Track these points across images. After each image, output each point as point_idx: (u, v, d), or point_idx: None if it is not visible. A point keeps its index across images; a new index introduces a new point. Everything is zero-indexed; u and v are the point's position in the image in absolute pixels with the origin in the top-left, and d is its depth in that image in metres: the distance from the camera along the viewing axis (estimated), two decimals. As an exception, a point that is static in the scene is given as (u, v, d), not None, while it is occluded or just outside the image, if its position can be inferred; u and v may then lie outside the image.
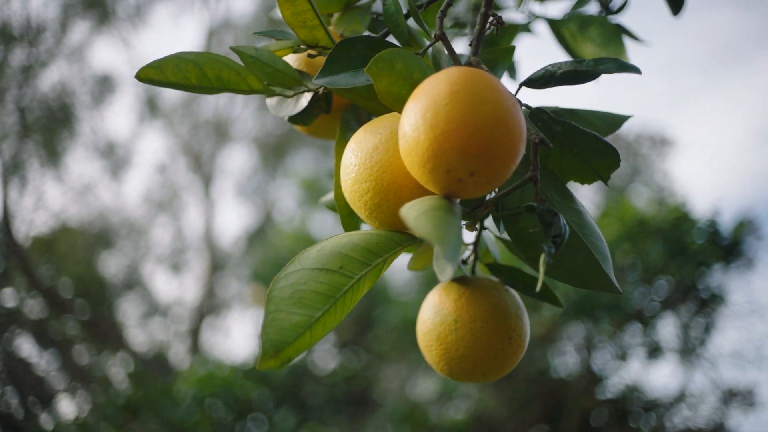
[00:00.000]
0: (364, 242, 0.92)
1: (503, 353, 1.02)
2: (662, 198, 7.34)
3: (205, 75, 1.01)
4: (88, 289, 11.99)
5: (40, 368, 10.81)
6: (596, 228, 0.99)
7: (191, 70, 1.01)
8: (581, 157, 1.02)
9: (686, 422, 6.65)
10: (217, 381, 6.47)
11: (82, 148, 12.12)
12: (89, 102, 11.86)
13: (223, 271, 13.31)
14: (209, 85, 1.02)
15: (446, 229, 0.76)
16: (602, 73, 0.95)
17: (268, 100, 1.12)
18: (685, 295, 6.28)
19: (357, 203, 0.96)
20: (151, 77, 0.99)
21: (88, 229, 12.77)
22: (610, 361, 6.69)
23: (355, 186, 0.94)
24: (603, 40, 1.51)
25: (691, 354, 6.55)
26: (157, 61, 0.99)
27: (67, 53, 11.60)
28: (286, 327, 0.84)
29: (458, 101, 0.80)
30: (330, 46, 1.07)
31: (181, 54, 1.00)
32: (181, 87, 1.01)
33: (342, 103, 1.14)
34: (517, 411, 6.69)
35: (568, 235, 0.87)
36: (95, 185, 12.53)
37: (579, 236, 0.96)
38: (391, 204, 0.92)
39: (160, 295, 13.13)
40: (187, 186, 13.68)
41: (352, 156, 0.95)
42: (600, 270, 0.96)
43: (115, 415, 6.22)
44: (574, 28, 1.55)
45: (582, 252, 0.96)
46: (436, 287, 1.09)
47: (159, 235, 13.69)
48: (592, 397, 6.67)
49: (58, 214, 12.10)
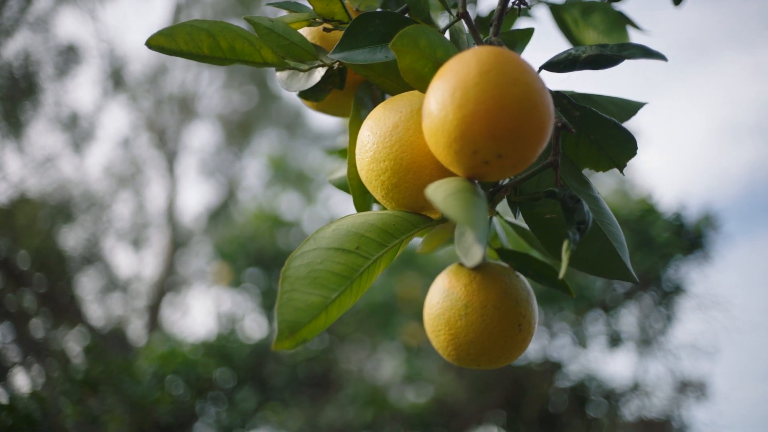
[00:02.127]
0: (381, 223, 0.90)
1: (513, 340, 1.00)
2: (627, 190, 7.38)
3: (218, 45, 0.98)
4: (46, 262, 11.84)
5: (-5, 341, 10.67)
6: (613, 216, 0.97)
7: (204, 39, 0.97)
8: (598, 143, 1.01)
9: (641, 411, 6.73)
10: (178, 358, 6.41)
11: (44, 119, 11.93)
12: (53, 73, 11.67)
13: (185, 248, 13.21)
14: (222, 56, 0.99)
15: (475, 212, 0.74)
16: (626, 59, 0.94)
17: (279, 73, 1.08)
18: (648, 286, 6.34)
19: (373, 183, 0.93)
20: (162, 45, 0.96)
21: (48, 201, 12.59)
22: (570, 349, 6.74)
23: (373, 165, 0.92)
24: (606, 27, 1.50)
25: (650, 344, 6.62)
26: (169, 28, 0.96)
27: (32, 22, 11.39)
28: (301, 307, 0.82)
29: (489, 81, 0.78)
30: (346, 20, 1.05)
31: (194, 22, 0.97)
32: (192, 56, 0.98)
33: (355, 79, 1.12)
34: (478, 396, 6.71)
35: (591, 222, 0.85)
36: (57, 157, 12.34)
37: (596, 224, 0.95)
38: (409, 184, 0.90)
39: (120, 271, 13.00)
40: (150, 161, 13.53)
41: (369, 134, 0.93)
42: (617, 259, 0.95)
43: (73, 390, 6.15)
44: (576, 14, 1.53)
45: (599, 240, 0.95)
46: (445, 271, 1.07)
47: (120, 210, 13.53)
48: (552, 385, 6.72)
49: (17, 185, 11.91)
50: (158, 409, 6.03)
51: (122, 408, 6.03)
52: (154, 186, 13.47)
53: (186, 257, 13.26)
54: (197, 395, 6.44)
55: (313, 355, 7.29)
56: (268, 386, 6.89)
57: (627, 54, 0.94)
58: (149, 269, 13.06)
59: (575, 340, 6.67)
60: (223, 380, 6.71)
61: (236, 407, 6.48)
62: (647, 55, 0.93)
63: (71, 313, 11.51)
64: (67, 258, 12.33)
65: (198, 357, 6.58)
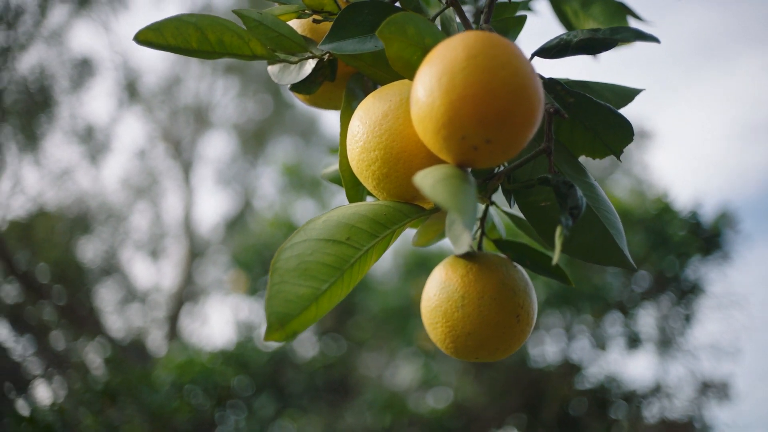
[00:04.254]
0: (371, 213, 0.89)
1: (511, 331, 0.99)
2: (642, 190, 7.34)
3: (206, 38, 0.98)
4: (65, 274, 11.90)
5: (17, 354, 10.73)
6: (609, 202, 0.96)
7: (192, 34, 0.97)
8: (593, 130, 1.00)
9: (663, 413, 6.68)
10: (196, 367, 6.43)
11: (60, 132, 12.01)
12: (68, 86, 11.75)
13: (202, 257, 13.26)
14: (210, 50, 0.98)
15: (463, 197, 0.73)
16: (619, 42, 0.93)
17: (270, 67, 1.08)
18: (666, 286, 6.30)
19: (364, 173, 0.92)
20: (150, 40, 0.95)
21: (65, 213, 12.66)
22: (590, 351, 6.71)
23: (363, 155, 0.91)
24: (606, 18, 1.48)
25: (670, 345, 6.57)
26: (156, 23, 0.95)
27: (46, 36, 11.48)
28: (291, 299, 0.81)
29: (476, 66, 0.77)
30: (335, 11, 1.04)
31: (182, 16, 0.96)
32: (180, 51, 0.97)
33: (346, 71, 1.11)
34: (497, 400, 6.69)
35: (585, 208, 0.84)
36: (74, 170, 12.42)
37: (593, 210, 0.93)
38: (400, 174, 0.89)
39: (138, 282, 13.07)
40: (166, 172, 13.59)
41: (359, 124, 0.92)
42: (614, 245, 0.93)
43: (93, 401, 6.18)
44: (576, 5, 1.52)
45: (596, 227, 0.93)
46: (442, 263, 1.06)
47: (138, 221, 13.60)
48: (572, 387, 6.68)
49: (35, 198, 11.99)
50: (177, 418, 6.05)
51: (141, 417, 6.05)
52: (170, 196, 13.53)
53: (203, 267, 13.30)
54: (216, 403, 6.45)
55: (330, 362, 7.29)
56: (286, 393, 6.89)
57: (620, 37, 0.92)
58: (167, 280, 13.12)
59: (594, 341, 6.63)
60: (242, 388, 6.72)
61: (255, 415, 6.49)
62: (640, 38, 0.92)
63: (91, 325, 11.57)
64: (85, 270, 12.40)
65: (216, 366, 6.60)
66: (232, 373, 6.61)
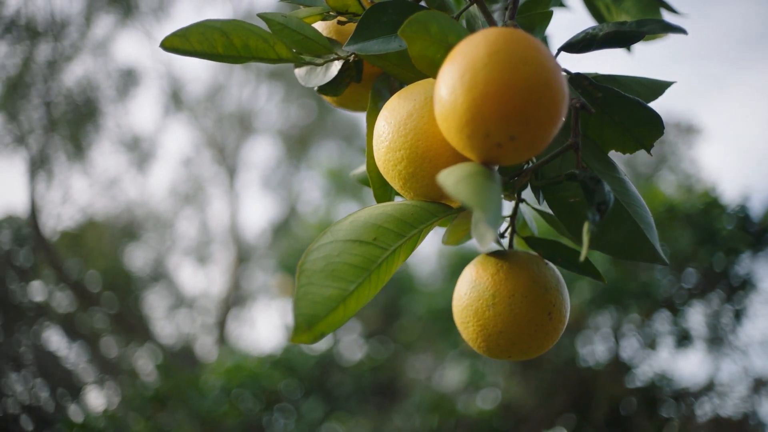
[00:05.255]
0: (398, 213, 0.89)
1: (543, 329, 0.98)
2: (690, 185, 7.24)
3: (231, 43, 0.98)
4: (115, 282, 12.08)
5: (69, 361, 10.91)
6: (640, 197, 0.95)
7: (218, 39, 0.98)
8: (623, 125, 0.98)
9: (715, 411, 6.58)
10: (245, 372, 6.48)
11: (107, 141, 12.19)
12: (114, 96, 11.92)
13: (249, 262, 13.35)
14: (236, 54, 0.99)
15: (487, 195, 0.73)
16: (646, 35, 0.92)
17: (297, 69, 1.08)
18: (715, 282, 6.20)
19: (391, 173, 0.92)
20: (176, 46, 0.96)
21: (114, 222, 12.85)
22: (639, 350, 6.63)
23: (389, 155, 0.91)
24: (638, 12, 1.47)
25: (721, 342, 6.47)
26: (182, 29, 0.96)
27: (91, 47, 11.66)
28: (318, 300, 0.81)
29: (498, 62, 0.76)
30: (360, 12, 1.04)
31: (207, 21, 0.97)
32: (207, 56, 0.98)
33: (372, 71, 1.11)
34: (545, 400, 6.64)
35: (612, 203, 0.83)
36: (121, 179, 12.60)
37: (622, 205, 0.92)
38: (426, 173, 0.89)
39: (187, 288, 13.21)
40: (211, 178, 13.72)
41: (385, 124, 0.92)
42: (645, 240, 0.92)
43: (143, 407, 6.26)
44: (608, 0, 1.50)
45: (626, 222, 0.92)
46: (473, 261, 1.05)
47: (184, 228, 13.75)
48: (621, 386, 6.61)
49: (84, 208, 12.18)
50: (226, 422, 6.10)
51: (191, 422, 6.12)
52: (216, 203, 13.66)
53: (250, 272, 13.40)
54: (264, 407, 6.50)
55: (377, 364, 7.30)
56: (333, 396, 6.92)
57: (646, 29, 0.91)
58: (215, 285, 13.24)
59: (643, 340, 6.56)
60: (289, 392, 6.76)
61: (303, 418, 6.52)
62: (667, 30, 0.91)
63: (141, 332, 11.72)
64: (134, 277, 12.57)
65: (264, 370, 6.64)
66: (279, 376, 6.65)
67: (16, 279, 10.65)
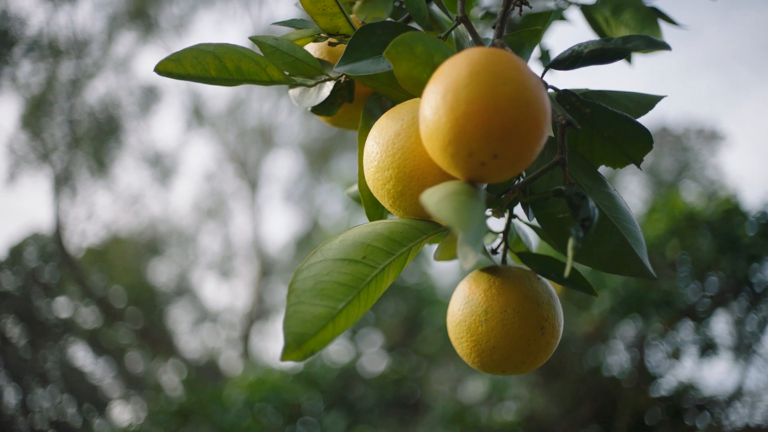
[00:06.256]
0: (387, 231, 0.90)
1: (535, 344, 0.99)
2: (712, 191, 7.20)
3: (224, 66, 1.00)
4: (139, 297, 12.16)
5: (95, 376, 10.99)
6: (629, 212, 0.96)
7: (210, 62, 1.00)
8: (612, 139, 0.99)
9: (744, 420, 6.52)
10: (267, 385, 6.50)
11: (130, 158, 12.29)
12: (136, 112, 12.03)
13: (272, 276, 13.40)
14: (229, 77, 1.01)
15: (468, 213, 0.74)
16: (631, 51, 0.93)
17: (291, 91, 1.10)
18: (738, 290, 6.15)
19: (380, 192, 0.94)
20: (170, 70, 0.98)
21: (138, 238, 12.94)
22: (663, 359, 6.59)
23: (378, 174, 0.92)
24: (638, 24, 1.48)
25: (746, 350, 6.42)
26: (176, 53, 0.98)
27: (113, 65, 11.77)
28: (308, 319, 0.82)
29: (479, 82, 0.77)
30: (351, 33, 1.06)
31: (200, 46, 0.99)
32: (200, 79, 1.00)
33: (365, 91, 1.12)
34: (569, 411, 6.61)
35: (597, 219, 0.84)
36: (144, 194, 12.70)
37: (611, 220, 0.93)
38: (414, 191, 0.90)
39: (210, 302, 13.29)
40: (233, 193, 13.80)
41: (374, 144, 0.94)
42: (633, 255, 0.93)
43: (167, 421, 6.29)
44: (607, 13, 1.51)
45: (614, 237, 0.93)
46: (466, 278, 1.06)
47: (207, 243, 13.82)
48: (645, 396, 6.57)
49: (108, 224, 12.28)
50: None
51: (214, 436, 6.14)
52: (238, 217, 13.73)
53: (273, 285, 13.44)
54: (287, 421, 6.51)
55: (399, 376, 7.30)
56: (356, 409, 6.93)
57: (631, 46, 0.92)
58: (239, 299, 13.30)
59: (667, 349, 6.51)
60: (312, 405, 6.78)
61: (326, 431, 6.53)
62: (651, 46, 0.92)
63: (165, 346, 11.79)
64: (159, 293, 12.64)
65: (286, 383, 6.66)
66: (302, 390, 6.67)
67: (41, 295, 10.76)
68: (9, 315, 10.26)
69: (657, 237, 5.92)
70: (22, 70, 10.81)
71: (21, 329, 10.41)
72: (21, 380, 9.99)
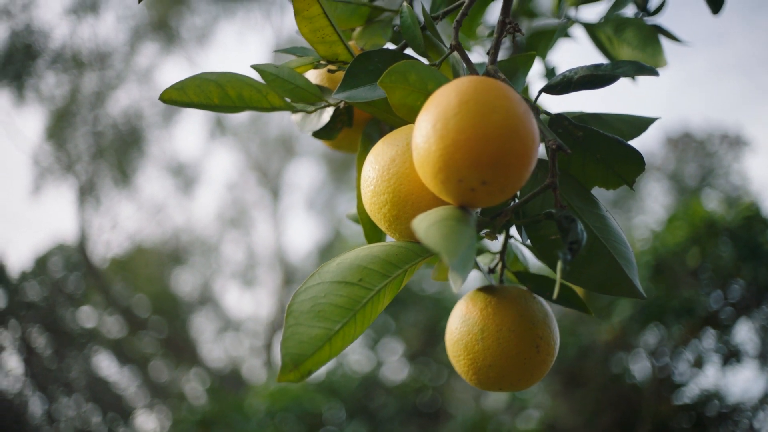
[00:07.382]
0: (384, 254, 0.92)
1: (531, 362, 1.01)
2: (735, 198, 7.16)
3: (226, 94, 1.03)
4: (163, 306, 12.24)
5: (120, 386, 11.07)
6: (621, 233, 0.98)
7: (213, 90, 1.03)
8: (605, 162, 1.02)
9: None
10: (289, 395, 6.52)
11: (153, 168, 12.38)
12: (159, 122, 12.12)
13: (294, 284, 13.43)
14: (231, 104, 1.04)
15: (455, 239, 0.76)
16: (620, 77, 0.95)
17: (293, 116, 1.13)
18: (760, 298, 6.11)
19: (377, 215, 0.96)
20: (174, 98, 1.02)
21: (161, 248, 13.02)
22: (686, 367, 6.55)
23: (374, 198, 0.95)
24: (639, 43, 1.49)
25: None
26: (180, 82, 1.01)
27: (136, 76, 11.88)
28: (305, 340, 0.85)
29: (468, 111, 0.80)
30: (350, 60, 1.08)
31: (203, 74, 1.02)
32: (203, 107, 1.03)
33: (364, 116, 1.15)
34: (591, 419, 6.58)
35: (585, 241, 0.86)
36: (167, 204, 12.78)
37: (602, 242, 0.95)
38: (409, 215, 0.93)
39: (234, 311, 13.34)
40: (256, 202, 13.86)
41: (370, 169, 0.96)
42: (623, 276, 0.95)
43: (191, 430, 6.33)
44: (610, 32, 1.53)
45: (605, 258, 0.95)
46: (464, 297, 1.09)
47: (230, 252, 13.89)
48: (668, 404, 6.53)
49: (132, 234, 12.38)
50: (271, 446, 6.15)
51: (237, 446, 6.17)
52: (261, 226, 13.79)
53: (296, 294, 13.46)
54: (308, 430, 6.52)
55: (420, 385, 7.30)
56: (377, 418, 6.93)
57: (620, 72, 0.94)
58: (263, 308, 13.35)
59: (689, 358, 6.48)
60: (333, 414, 6.79)
61: (347, 441, 6.55)
62: (640, 72, 0.94)
63: (189, 355, 11.85)
64: (182, 302, 12.72)
65: (308, 393, 6.68)
66: (323, 400, 6.68)
67: (66, 305, 10.85)
68: (34, 325, 10.37)
69: (677, 245, 5.89)
70: (46, 82, 10.94)
71: (46, 339, 10.52)
72: (46, 390, 10.09)
